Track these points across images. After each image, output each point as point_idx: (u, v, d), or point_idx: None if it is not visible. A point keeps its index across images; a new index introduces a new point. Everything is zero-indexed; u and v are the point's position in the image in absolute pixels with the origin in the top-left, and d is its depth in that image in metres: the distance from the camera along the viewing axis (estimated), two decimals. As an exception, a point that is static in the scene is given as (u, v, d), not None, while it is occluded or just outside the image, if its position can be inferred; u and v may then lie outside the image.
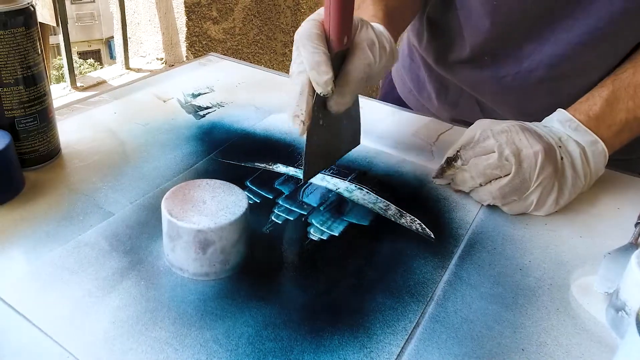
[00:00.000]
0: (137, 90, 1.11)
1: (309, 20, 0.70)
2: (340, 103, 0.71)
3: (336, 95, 0.70)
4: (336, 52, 0.69)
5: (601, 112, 0.82)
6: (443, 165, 0.82)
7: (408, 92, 1.29)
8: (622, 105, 0.82)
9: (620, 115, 0.82)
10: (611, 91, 0.83)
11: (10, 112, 0.77)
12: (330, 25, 0.68)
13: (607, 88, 0.83)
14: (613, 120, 0.81)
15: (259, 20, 2.96)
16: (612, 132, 0.81)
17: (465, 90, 1.12)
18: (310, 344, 0.57)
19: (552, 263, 0.71)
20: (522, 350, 0.58)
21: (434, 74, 1.18)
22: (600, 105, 0.82)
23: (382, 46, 0.73)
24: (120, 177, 0.82)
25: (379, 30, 0.75)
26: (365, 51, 0.71)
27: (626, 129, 0.82)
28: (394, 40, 0.78)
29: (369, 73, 0.72)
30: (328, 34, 0.69)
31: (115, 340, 0.56)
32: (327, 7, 0.67)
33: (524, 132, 0.76)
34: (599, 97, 0.83)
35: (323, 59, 0.67)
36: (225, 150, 0.91)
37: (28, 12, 0.75)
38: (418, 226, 0.76)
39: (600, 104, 0.82)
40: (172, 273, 0.65)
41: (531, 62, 0.96)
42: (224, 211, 0.63)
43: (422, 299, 0.64)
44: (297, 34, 0.69)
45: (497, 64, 1.00)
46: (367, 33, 0.72)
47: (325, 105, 0.72)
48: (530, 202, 0.77)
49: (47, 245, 0.68)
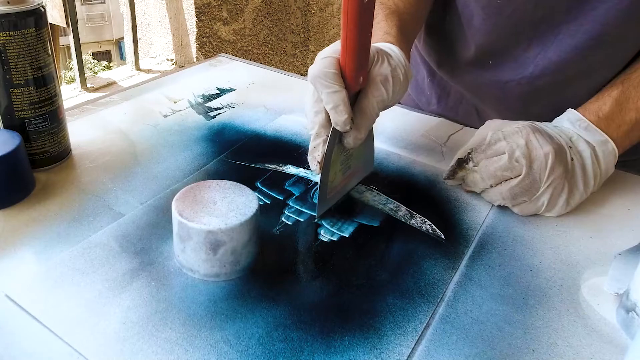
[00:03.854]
0: (148, 91, 1.11)
1: (325, 58, 0.70)
2: (356, 138, 0.73)
3: (352, 131, 0.72)
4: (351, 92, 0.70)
5: (611, 111, 0.81)
6: (454, 166, 0.82)
7: (406, 96, 1.29)
8: (631, 105, 0.82)
9: (630, 114, 0.81)
10: (621, 91, 0.83)
11: (21, 113, 0.77)
12: (347, 66, 0.68)
13: (617, 88, 0.83)
14: (623, 120, 0.81)
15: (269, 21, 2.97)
16: (621, 132, 0.81)
17: (465, 96, 1.12)
18: (320, 344, 0.57)
19: (563, 264, 0.71)
20: (532, 351, 0.58)
21: (436, 78, 1.17)
22: (610, 105, 0.82)
23: (397, 79, 0.73)
24: (131, 178, 0.82)
25: (395, 59, 0.74)
26: (379, 88, 0.72)
27: (636, 129, 0.82)
28: (407, 57, 0.79)
29: (383, 107, 0.74)
30: (344, 72, 0.69)
31: (126, 341, 0.56)
32: (343, 47, 0.67)
33: (534, 133, 0.76)
34: (608, 97, 0.83)
35: (342, 100, 0.68)
36: (236, 151, 0.91)
37: (38, 13, 0.75)
38: (428, 227, 0.76)
39: (610, 103, 0.82)
40: (182, 274, 0.65)
41: (535, 67, 0.95)
42: (235, 212, 0.63)
43: (432, 300, 0.64)
44: (312, 71, 0.69)
45: (501, 68, 1.00)
46: (381, 68, 0.72)
47: (341, 141, 0.73)
48: (542, 204, 0.77)
49: (57, 246, 0.69)
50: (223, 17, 2.67)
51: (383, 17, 0.90)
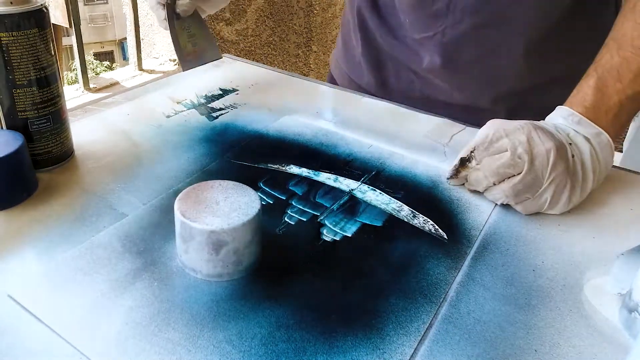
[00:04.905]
0: (150, 91, 1.11)
1: None
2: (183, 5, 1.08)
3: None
4: None
5: (595, 100, 0.82)
6: (457, 165, 0.82)
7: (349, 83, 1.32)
8: (611, 90, 0.82)
9: (613, 99, 0.82)
10: (597, 78, 0.83)
11: (24, 114, 0.78)
12: None
13: (592, 77, 0.84)
14: (608, 106, 0.82)
15: (272, 22, 2.97)
16: (610, 118, 0.81)
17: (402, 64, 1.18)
18: (323, 345, 0.57)
19: (565, 264, 0.71)
20: (535, 351, 0.58)
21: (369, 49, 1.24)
22: (592, 94, 0.82)
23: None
24: (134, 179, 0.82)
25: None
26: None
27: (623, 111, 0.82)
28: None
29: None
30: None
31: (128, 341, 0.57)
32: None
33: (536, 130, 0.76)
34: (587, 86, 0.83)
35: None
36: (239, 151, 0.91)
37: (41, 14, 0.75)
38: (431, 227, 0.76)
39: (592, 92, 0.82)
40: (185, 274, 0.65)
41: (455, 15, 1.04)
42: (237, 212, 0.63)
43: (435, 300, 0.64)
44: None
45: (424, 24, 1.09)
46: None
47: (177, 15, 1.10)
48: (544, 201, 0.77)
49: (60, 246, 0.69)
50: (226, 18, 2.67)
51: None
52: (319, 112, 1.06)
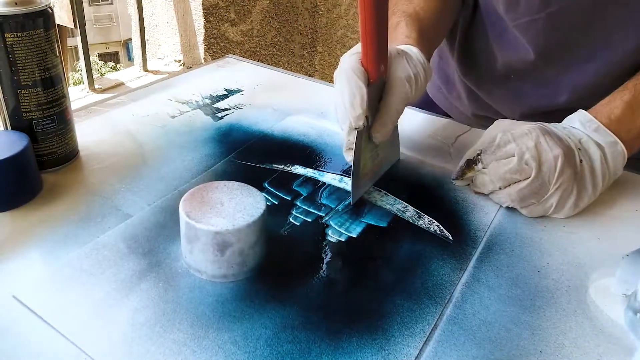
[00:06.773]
0: (155, 92, 1.11)
1: (348, 55, 0.76)
2: (382, 133, 0.79)
3: (378, 126, 0.79)
4: (374, 83, 0.75)
5: (622, 115, 0.81)
6: (463, 167, 0.82)
7: (437, 90, 1.30)
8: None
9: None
10: (633, 95, 0.82)
11: (29, 114, 0.78)
12: (367, 56, 0.74)
13: (629, 92, 0.83)
14: (633, 125, 0.81)
15: (276, 22, 2.97)
16: (630, 136, 0.81)
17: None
18: (328, 345, 0.57)
19: (570, 265, 0.71)
20: (540, 352, 0.58)
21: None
22: (622, 109, 0.81)
23: (418, 77, 0.79)
24: (138, 179, 0.83)
25: (414, 58, 0.80)
26: (403, 84, 0.77)
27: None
28: (427, 60, 0.84)
29: (407, 102, 0.79)
30: (365, 66, 0.74)
31: (133, 342, 0.57)
32: (363, 39, 0.72)
33: (544, 136, 0.76)
34: (620, 100, 0.82)
35: (360, 93, 0.73)
36: (243, 152, 0.91)
37: (46, 14, 0.75)
38: (436, 228, 0.76)
39: (622, 107, 0.81)
40: (190, 275, 0.65)
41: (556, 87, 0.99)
42: (242, 213, 0.63)
43: (440, 301, 0.64)
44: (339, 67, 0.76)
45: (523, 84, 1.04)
46: (402, 64, 0.78)
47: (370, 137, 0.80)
48: (550, 205, 0.77)
49: (65, 247, 0.69)
50: (231, 18, 2.67)
51: (404, 23, 0.92)
52: (324, 113, 1.06)
